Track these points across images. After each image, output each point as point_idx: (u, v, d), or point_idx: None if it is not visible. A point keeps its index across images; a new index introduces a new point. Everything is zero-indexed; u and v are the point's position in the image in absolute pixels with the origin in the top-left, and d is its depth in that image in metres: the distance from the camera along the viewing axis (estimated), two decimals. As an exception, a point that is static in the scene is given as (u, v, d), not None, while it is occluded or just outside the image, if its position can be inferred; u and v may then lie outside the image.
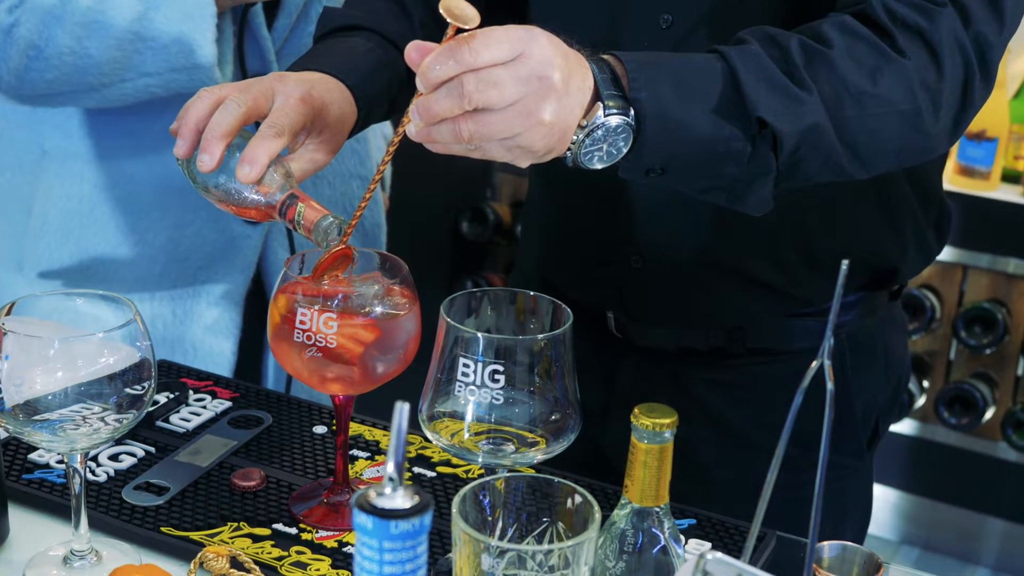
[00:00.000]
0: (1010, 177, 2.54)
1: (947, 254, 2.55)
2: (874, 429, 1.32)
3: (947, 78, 0.99)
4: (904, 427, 2.66)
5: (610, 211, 1.23)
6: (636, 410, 0.83)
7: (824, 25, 0.98)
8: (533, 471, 0.89)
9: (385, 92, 1.17)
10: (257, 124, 1.04)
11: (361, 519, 0.62)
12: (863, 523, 1.36)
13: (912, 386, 2.57)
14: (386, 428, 1.18)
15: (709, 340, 1.25)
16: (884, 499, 2.71)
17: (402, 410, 0.62)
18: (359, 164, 1.67)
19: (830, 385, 0.70)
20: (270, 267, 1.59)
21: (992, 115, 2.48)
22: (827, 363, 0.70)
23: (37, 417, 0.93)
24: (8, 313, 0.94)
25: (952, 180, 2.53)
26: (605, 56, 0.94)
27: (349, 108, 1.11)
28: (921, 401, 2.61)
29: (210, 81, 1.44)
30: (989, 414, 2.53)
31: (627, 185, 1.19)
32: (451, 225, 3.06)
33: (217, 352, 1.54)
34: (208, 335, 1.55)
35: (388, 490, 0.62)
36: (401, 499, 0.62)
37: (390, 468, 0.62)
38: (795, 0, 1.08)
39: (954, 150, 2.54)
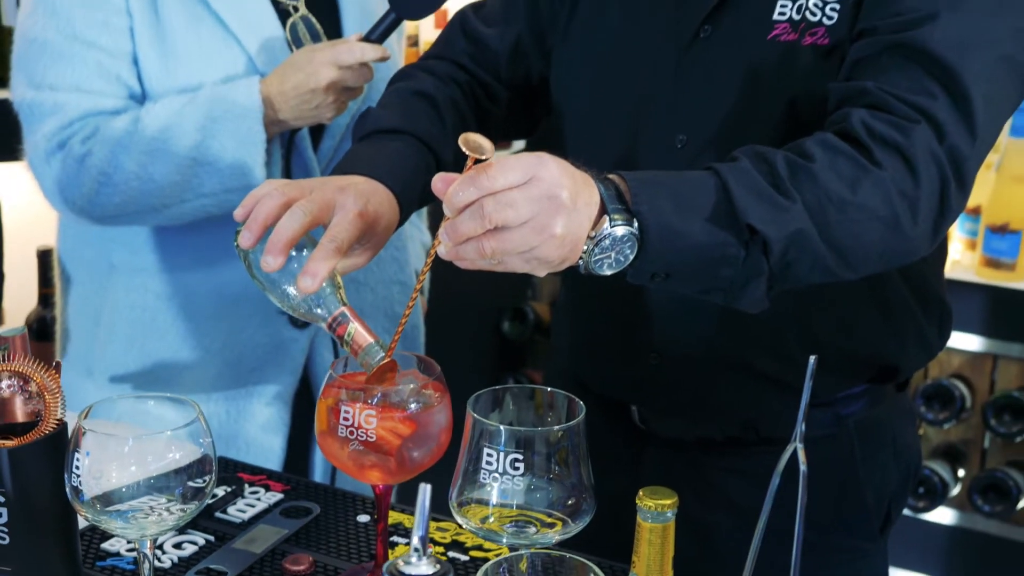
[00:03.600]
0: (1035, 268, 2.60)
1: (977, 344, 2.60)
2: (887, 514, 1.40)
3: (923, 187, 1.08)
4: (940, 516, 2.69)
5: (630, 314, 1.34)
6: (641, 492, 0.92)
7: (807, 142, 1.09)
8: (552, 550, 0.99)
9: (420, 194, 1.28)
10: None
11: (391, 585, 0.72)
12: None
13: (947, 475, 2.60)
14: (424, 516, 1.28)
15: (724, 431, 1.34)
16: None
17: (425, 491, 0.72)
18: (399, 271, 1.78)
19: (803, 467, 0.80)
20: (316, 368, 1.69)
21: (1015, 208, 2.54)
22: (799, 446, 0.80)
23: (111, 507, 1.03)
24: (86, 416, 1.06)
25: (979, 272, 2.59)
26: (610, 175, 1.05)
27: (394, 216, 1.23)
28: (956, 490, 2.65)
29: None
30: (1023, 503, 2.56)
31: (643, 290, 1.29)
32: (493, 325, 3.17)
33: (268, 448, 1.65)
34: (260, 432, 1.65)
35: (414, 559, 0.72)
36: (425, 567, 0.72)
37: (415, 541, 0.72)
38: (791, 121, 1.20)
39: (979, 243, 2.60)
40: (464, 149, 0.98)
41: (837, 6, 1.17)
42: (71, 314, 1.73)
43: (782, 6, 1.19)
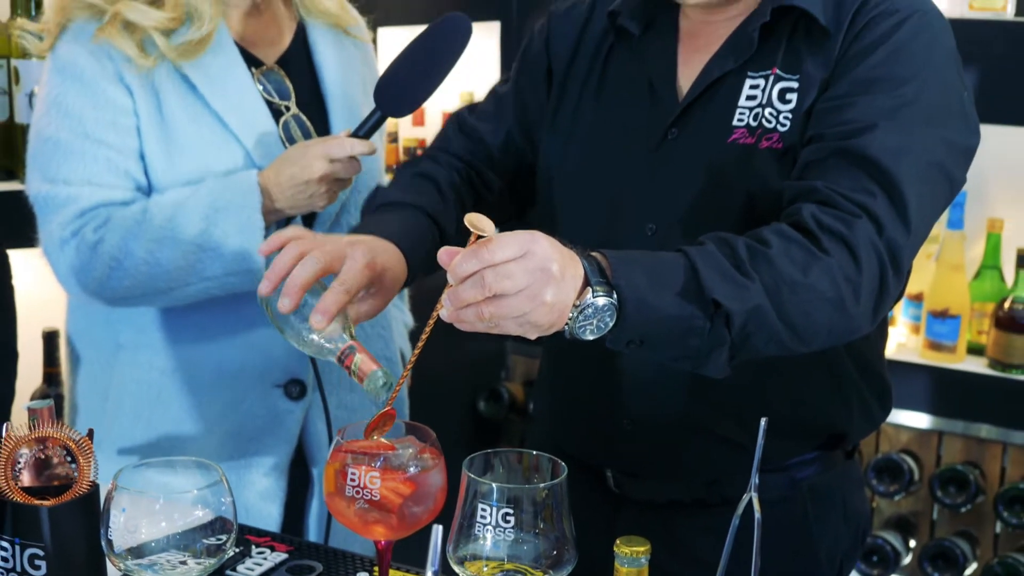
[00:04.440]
0: (975, 350, 2.74)
1: (923, 421, 2.74)
2: (838, 571, 1.54)
3: (865, 273, 1.23)
4: (892, 584, 2.82)
5: (603, 386, 1.48)
6: (618, 541, 1.06)
7: (764, 231, 1.24)
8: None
9: (426, 259, 1.43)
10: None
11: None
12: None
13: (898, 544, 2.73)
14: (419, 573, 1.39)
15: (691, 492, 1.48)
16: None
17: (437, 531, 0.85)
18: (384, 347, 1.90)
19: (757, 515, 0.94)
20: (310, 439, 1.79)
21: (954, 295, 2.69)
22: (754, 496, 0.94)
23: (142, 560, 1.15)
24: (120, 477, 1.18)
25: (923, 354, 2.74)
26: (592, 252, 1.19)
27: (401, 271, 1.39)
28: (908, 559, 2.78)
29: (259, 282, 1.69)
30: (970, 570, 2.67)
31: (616, 365, 1.44)
32: (470, 404, 3.27)
33: (267, 515, 1.75)
34: (259, 500, 1.75)
35: (429, 591, 0.85)
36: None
37: (429, 574, 0.85)
38: (750, 213, 1.35)
39: (922, 328, 2.76)
40: (468, 226, 1.11)
41: (790, 115, 1.34)
42: (80, 391, 1.82)
43: (740, 114, 1.36)
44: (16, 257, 1.87)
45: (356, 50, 1.88)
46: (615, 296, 1.16)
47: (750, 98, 1.37)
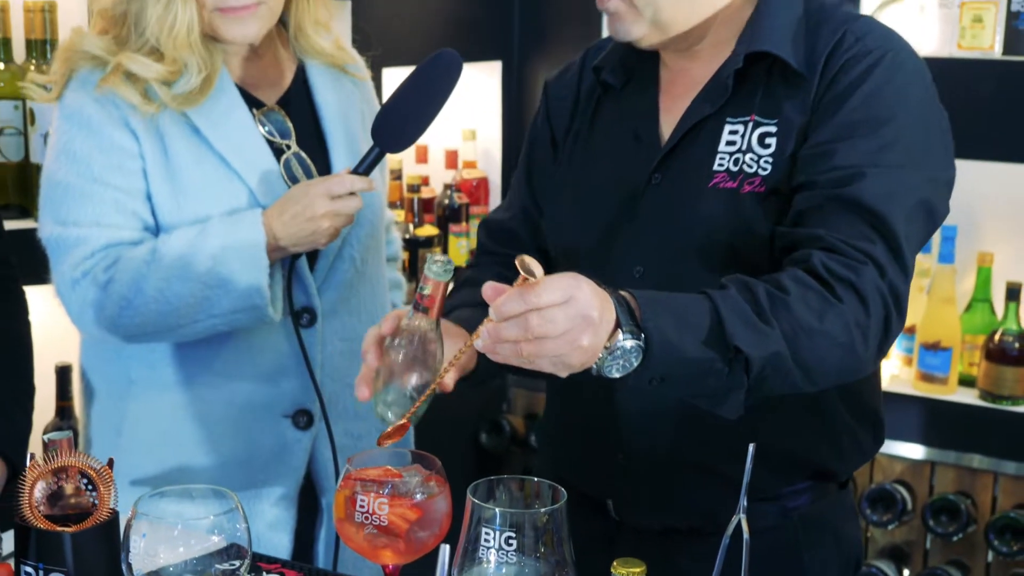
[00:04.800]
0: (966, 382, 2.78)
1: (916, 451, 2.79)
2: None
3: (872, 317, 1.30)
4: (886, 612, 2.86)
5: (602, 421, 1.53)
6: (615, 562, 1.11)
7: (783, 277, 1.29)
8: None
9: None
10: None
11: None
12: None
13: (892, 573, 2.77)
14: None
15: (687, 521, 1.53)
16: None
17: (444, 550, 0.91)
18: None
19: (746, 536, 0.99)
20: (318, 468, 1.85)
21: (945, 328, 2.75)
22: (743, 517, 0.99)
23: (160, 583, 1.21)
24: (140, 503, 1.23)
25: (915, 386, 2.78)
26: (623, 292, 1.23)
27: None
28: (901, 589, 2.82)
29: (265, 318, 1.72)
30: (963, 598, 2.73)
31: (613, 401, 1.49)
32: (472, 436, 3.31)
33: (277, 544, 1.79)
34: (268, 530, 1.80)
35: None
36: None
37: (438, 592, 0.91)
38: (733, 255, 1.41)
39: (915, 360, 2.81)
40: (519, 267, 1.16)
41: (771, 159, 1.40)
42: (94, 426, 1.88)
43: (720, 159, 1.42)
44: (31, 293, 1.92)
45: (355, 88, 1.94)
46: (643, 338, 1.21)
47: (730, 143, 1.42)
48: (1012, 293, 2.72)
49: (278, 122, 1.83)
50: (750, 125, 1.42)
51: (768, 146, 1.40)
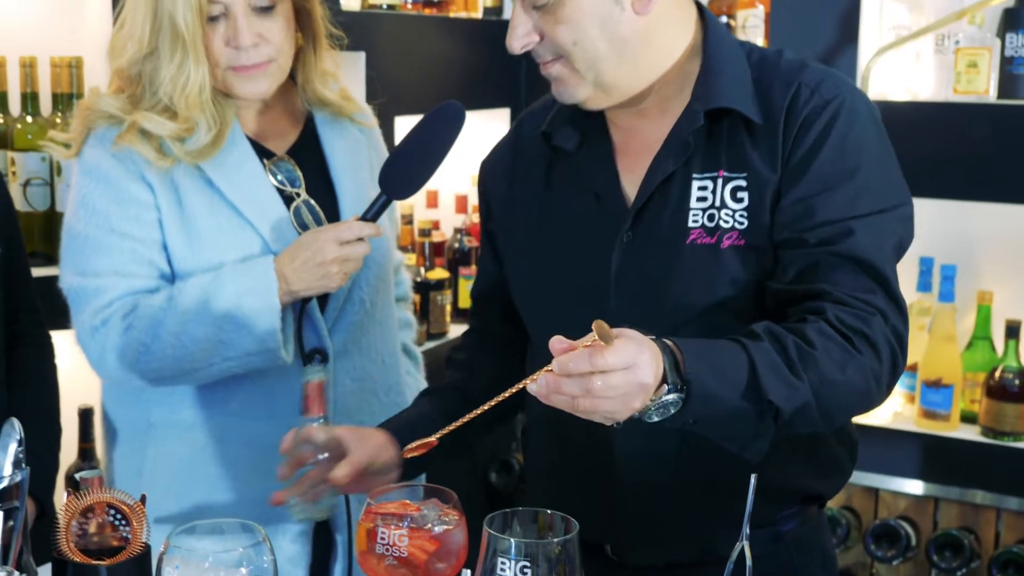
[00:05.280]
0: (968, 418, 2.82)
1: (919, 488, 2.82)
2: None
3: (884, 364, 1.38)
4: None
5: (597, 469, 1.57)
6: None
7: (807, 329, 1.35)
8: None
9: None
10: None
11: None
12: None
13: (898, 608, 2.81)
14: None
15: (687, 555, 1.57)
16: None
17: (466, 575, 0.96)
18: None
19: (748, 562, 1.05)
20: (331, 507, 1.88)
21: (947, 365, 2.79)
22: (746, 544, 1.04)
23: (192, 613, 1.26)
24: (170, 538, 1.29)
25: (918, 423, 2.82)
26: (668, 342, 1.27)
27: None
28: (908, 623, 2.85)
29: (278, 359, 1.78)
30: (969, 632, 2.76)
31: (608, 449, 1.53)
32: (481, 475, 3.35)
33: (294, 579, 1.86)
34: (287, 565, 1.84)
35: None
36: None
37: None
38: (719, 309, 1.45)
39: (917, 397, 2.85)
40: (595, 330, 1.21)
41: (745, 213, 1.45)
42: (117, 467, 1.94)
43: (694, 215, 1.46)
44: (55, 337, 1.99)
45: (362, 136, 2.01)
46: (684, 390, 1.27)
47: (701, 199, 1.46)
48: (1012, 331, 2.77)
49: (288, 171, 1.90)
50: (719, 181, 1.46)
51: (741, 200, 1.45)
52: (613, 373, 1.21)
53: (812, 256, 1.41)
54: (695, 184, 1.47)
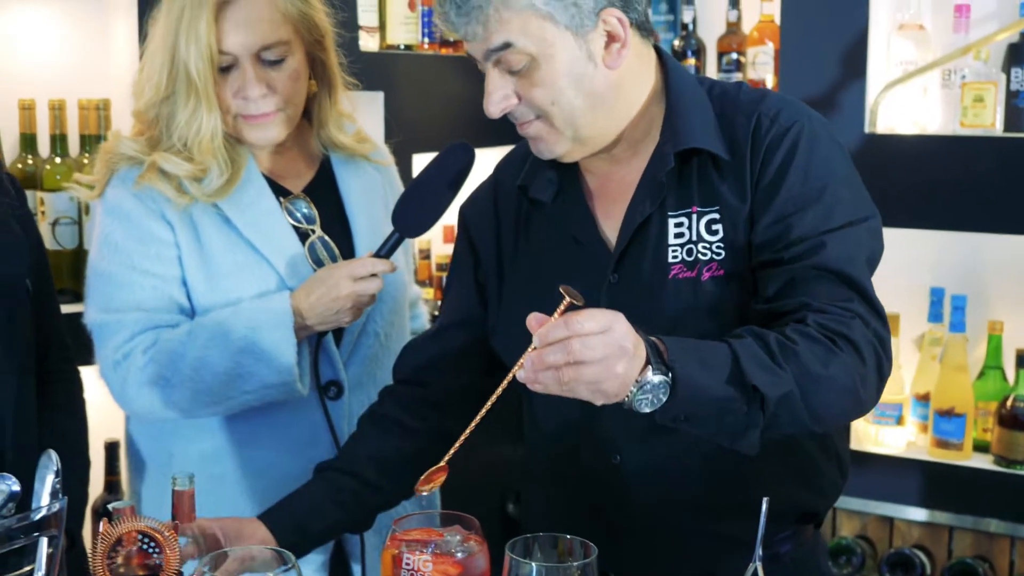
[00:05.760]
0: (980, 447, 2.84)
1: (933, 516, 2.85)
2: None
3: (868, 364, 1.42)
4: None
5: (599, 498, 1.60)
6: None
7: (789, 331, 1.40)
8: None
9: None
10: None
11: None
12: None
13: (913, 639, 2.82)
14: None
15: None
16: None
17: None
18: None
19: (762, 584, 1.09)
20: (347, 538, 1.94)
21: (959, 395, 2.82)
22: (759, 565, 1.08)
23: (223, 636, 1.30)
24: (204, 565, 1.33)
25: (931, 452, 2.85)
26: (651, 337, 1.32)
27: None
28: (922, 653, 2.86)
29: (294, 392, 1.84)
30: (985, 661, 2.77)
31: (610, 480, 1.57)
32: (499, 507, 3.36)
33: (313, 610, 1.90)
34: (307, 596, 1.90)
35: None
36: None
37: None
38: (704, 337, 1.43)
39: (930, 427, 2.87)
40: (564, 293, 1.26)
41: (722, 243, 1.50)
42: (144, 499, 1.98)
43: (673, 251, 1.51)
44: (82, 372, 2.03)
45: (377, 174, 2.08)
46: (670, 375, 1.31)
47: (678, 235, 1.51)
48: (1022, 360, 2.79)
49: (303, 209, 1.96)
50: (694, 216, 1.51)
51: (715, 232, 1.51)
52: (591, 336, 1.24)
53: (789, 272, 1.46)
54: (671, 222, 1.52)
